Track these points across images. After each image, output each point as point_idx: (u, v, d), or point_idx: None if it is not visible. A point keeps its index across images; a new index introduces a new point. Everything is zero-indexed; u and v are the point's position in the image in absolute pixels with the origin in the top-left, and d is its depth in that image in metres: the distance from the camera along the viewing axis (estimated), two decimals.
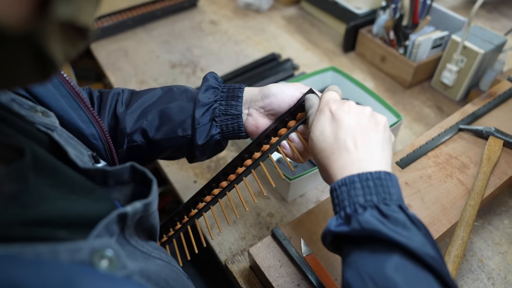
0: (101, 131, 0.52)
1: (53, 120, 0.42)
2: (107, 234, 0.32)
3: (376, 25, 1.09)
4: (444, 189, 0.67)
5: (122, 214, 0.33)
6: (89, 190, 0.37)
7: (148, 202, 0.36)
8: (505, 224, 0.74)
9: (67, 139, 0.44)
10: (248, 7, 1.38)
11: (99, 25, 1.24)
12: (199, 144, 0.56)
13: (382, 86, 1.07)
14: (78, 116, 0.49)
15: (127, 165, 0.40)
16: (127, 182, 0.41)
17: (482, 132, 0.74)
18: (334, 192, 0.42)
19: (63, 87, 0.48)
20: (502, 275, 0.67)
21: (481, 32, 0.97)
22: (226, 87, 0.58)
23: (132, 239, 0.36)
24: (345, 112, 0.46)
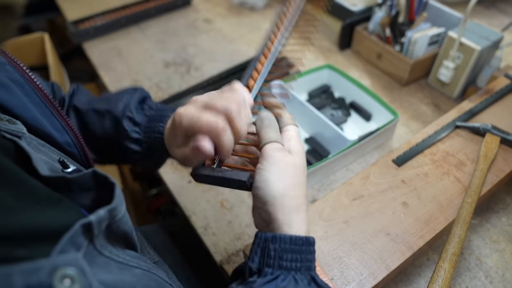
0: (75, 138, 0.51)
1: (20, 127, 0.41)
2: (73, 248, 0.30)
3: (372, 22, 1.10)
4: (441, 187, 0.67)
5: (86, 224, 0.32)
6: (55, 200, 0.36)
7: (113, 207, 0.35)
8: (503, 221, 0.75)
9: (37, 146, 0.43)
10: (243, 5, 1.38)
11: (92, 24, 1.24)
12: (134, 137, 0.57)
13: (379, 83, 1.07)
14: (51, 124, 0.48)
15: (88, 171, 0.39)
16: (91, 188, 0.40)
17: (479, 129, 0.74)
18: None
19: (35, 95, 0.47)
20: (500, 273, 0.67)
21: (478, 28, 0.97)
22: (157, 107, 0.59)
23: (105, 249, 0.35)
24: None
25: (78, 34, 1.21)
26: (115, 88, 1.07)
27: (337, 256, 0.58)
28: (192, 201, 0.79)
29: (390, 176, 0.69)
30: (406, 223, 0.62)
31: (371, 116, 0.94)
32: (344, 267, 0.57)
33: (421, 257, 0.69)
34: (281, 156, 0.43)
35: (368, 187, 0.67)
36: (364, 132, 0.83)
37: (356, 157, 0.85)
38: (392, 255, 0.58)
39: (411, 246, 0.59)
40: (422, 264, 0.68)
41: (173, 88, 1.06)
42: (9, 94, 0.44)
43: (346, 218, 0.63)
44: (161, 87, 1.06)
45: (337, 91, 1.02)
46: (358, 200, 0.65)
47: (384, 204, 0.65)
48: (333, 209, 0.64)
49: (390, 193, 0.66)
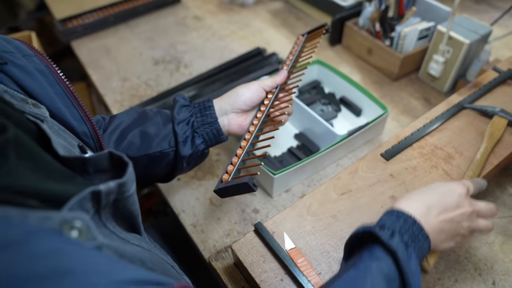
0: (92, 130, 0.54)
1: (44, 111, 0.44)
2: (81, 210, 0.33)
3: (362, 17, 1.10)
4: (429, 180, 0.68)
5: (95, 192, 0.34)
6: (68, 177, 0.38)
7: (122, 182, 0.37)
8: None
9: (57, 131, 0.46)
10: (233, 2, 1.38)
11: (80, 22, 1.24)
12: (186, 155, 0.64)
13: (369, 78, 1.08)
14: (71, 114, 0.51)
15: (105, 152, 0.41)
16: (106, 169, 0.42)
17: (487, 111, 0.77)
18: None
19: (58, 85, 0.50)
20: (488, 265, 0.68)
21: (466, 22, 0.98)
22: (196, 103, 0.68)
23: (109, 223, 0.37)
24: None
25: (66, 32, 1.21)
26: (104, 86, 1.07)
27: (325, 251, 0.59)
28: (182, 199, 0.79)
29: (379, 170, 0.69)
30: None
31: (361, 111, 0.95)
32: (332, 261, 0.57)
33: None
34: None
35: (356, 181, 0.67)
36: (354, 127, 0.83)
37: (346, 152, 0.85)
38: None
39: None
40: None
41: (162, 86, 1.06)
42: (35, 82, 0.47)
43: (334, 213, 0.63)
44: (150, 85, 1.06)
45: (327, 86, 1.02)
46: (346, 195, 0.65)
47: (372, 198, 0.65)
48: (321, 204, 0.64)
49: (379, 187, 0.67)
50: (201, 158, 0.69)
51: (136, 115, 0.67)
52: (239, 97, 0.67)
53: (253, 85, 0.69)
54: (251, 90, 0.68)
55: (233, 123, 0.67)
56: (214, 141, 0.66)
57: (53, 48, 2.06)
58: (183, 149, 0.63)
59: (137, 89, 1.05)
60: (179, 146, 0.63)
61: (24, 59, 0.48)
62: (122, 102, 1.02)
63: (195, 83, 1.03)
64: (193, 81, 1.04)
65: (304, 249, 0.59)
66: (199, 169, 0.85)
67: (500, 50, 1.16)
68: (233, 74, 1.04)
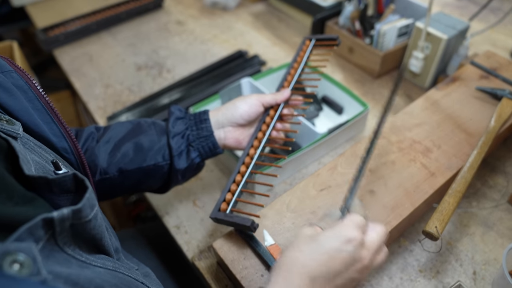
0: (73, 145, 0.54)
1: (17, 128, 0.44)
2: (31, 239, 0.32)
3: (342, 17, 1.12)
4: (407, 174, 0.70)
5: (47, 219, 0.33)
6: (28, 198, 0.38)
7: (78, 208, 0.37)
8: (473, 206, 0.77)
9: (32, 147, 0.46)
10: (215, 6, 1.41)
11: (62, 30, 1.25)
12: (182, 168, 0.65)
13: (351, 77, 1.10)
14: (50, 129, 0.51)
15: (69, 173, 0.41)
16: (71, 190, 0.42)
17: (497, 93, 0.81)
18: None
19: (37, 101, 0.50)
20: (469, 255, 0.69)
21: (444, 18, 1.01)
22: (192, 115, 0.68)
23: (68, 247, 0.37)
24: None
25: (48, 41, 1.22)
26: (87, 94, 1.08)
27: None
28: (165, 202, 0.81)
29: (357, 166, 0.71)
30: (373, 210, 0.64)
31: (343, 109, 0.97)
32: None
33: (393, 245, 0.71)
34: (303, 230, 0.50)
35: (335, 178, 0.69)
36: (336, 125, 0.85)
37: (328, 150, 0.87)
38: None
39: None
40: (394, 251, 0.71)
41: (145, 91, 1.07)
42: (13, 98, 0.48)
43: (314, 209, 0.65)
44: (133, 91, 1.08)
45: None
46: (325, 191, 0.67)
47: None
48: (301, 200, 0.66)
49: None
50: (197, 170, 0.70)
51: (130, 126, 0.67)
52: (236, 111, 0.67)
53: (252, 98, 0.69)
54: (249, 103, 0.68)
55: (229, 136, 0.68)
56: (210, 154, 0.67)
57: (39, 58, 2.07)
58: (178, 162, 0.64)
59: (120, 95, 1.07)
60: (174, 159, 0.64)
61: (2, 75, 0.48)
62: (105, 108, 1.03)
63: (178, 87, 1.05)
64: (176, 85, 1.06)
65: (284, 245, 0.60)
66: None
67: (481, 45, 1.19)
68: (215, 78, 1.06)
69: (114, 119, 0.97)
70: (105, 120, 0.99)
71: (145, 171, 0.64)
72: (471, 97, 0.83)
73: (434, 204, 0.65)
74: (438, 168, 0.70)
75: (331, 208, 0.60)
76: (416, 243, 0.71)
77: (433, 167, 0.71)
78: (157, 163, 0.64)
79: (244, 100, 0.68)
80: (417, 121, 0.79)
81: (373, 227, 0.49)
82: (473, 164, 0.69)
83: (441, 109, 0.81)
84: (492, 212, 0.76)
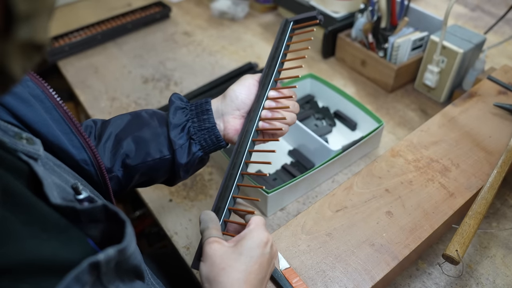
0: (93, 156, 0.53)
1: (37, 148, 0.42)
2: (77, 285, 0.32)
3: (355, 29, 1.13)
4: (425, 194, 0.70)
5: (94, 263, 0.34)
6: (62, 228, 0.37)
7: (123, 247, 0.37)
8: (493, 227, 0.77)
9: (52, 167, 0.45)
10: (223, 16, 1.42)
11: (67, 41, 1.27)
12: (183, 163, 0.62)
13: (364, 91, 1.10)
14: (69, 141, 0.51)
15: (98, 204, 0.40)
16: (101, 220, 0.41)
17: None
18: None
19: (56, 111, 0.50)
20: (491, 279, 0.69)
21: (460, 31, 1.01)
22: (193, 105, 0.64)
23: (112, 284, 0.37)
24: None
25: (53, 52, 1.23)
26: (92, 107, 1.09)
27: (321, 270, 0.60)
28: (174, 221, 0.81)
29: (374, 186, 0.71)
30: (390, 232, 0.64)
31: (357, 125, 0.97)
32: (328, 280, 0.59)
33: (411, 268, 0.71)
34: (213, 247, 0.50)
35: (351, 198, 0.69)
36: (350, 142, 0.85)
37: (342, 167, 0.87)
38: (377, 266, 0.60)
39: (396, 256, 0.61)
40: (411, 274, 0.70)
41: (152, 105, 1.08)
42: (31, 109, 0.47)
43: (329, 230, 0.65)
44: (140, 104, 1.09)
45: (321, 100, 1.05)
46: (341, 212, 0.67)
47: (368, 214, 0.67)
48: (316, 222, 0.66)
49: (374, 202, 0.69)
50: (200, 165, 0.67)
51: (129, 118, 0.64)
52: (236, 96, 0.63)
53: (247, 79, 0.65)
54: (247, 85, 0.64)
55: (229, 127, 0.63)
56: (213, 148, 0.64)
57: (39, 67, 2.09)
58: (179, 157, 0.61)
59: (126, 109, 1.07)
60: (176, 153, 0.61)
61: (18, 84, 0.47)
62: None
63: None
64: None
65: (299, 268, 0.60)
66: (191, 189, 0.87)
67: (496, 58, 1.19)
68: (224, 91, 1.06)
69: None
70: None
71: (149, 165, 0.62)
72: (489, 114, 0.83)
73: (454, 225, 0.65)
74: (457, 188, 0.70)
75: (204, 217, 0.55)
76: (435, 266, 0.71)
77: (452, 187, 0.71)
78: (161, 157, 0.62)
79: (241, 83, 0.65)
80: (434, 139, 0.79)
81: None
82: (493, 184, 0.69)
83: (459, 126, 0.81)
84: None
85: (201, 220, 0.54)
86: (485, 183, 0.69)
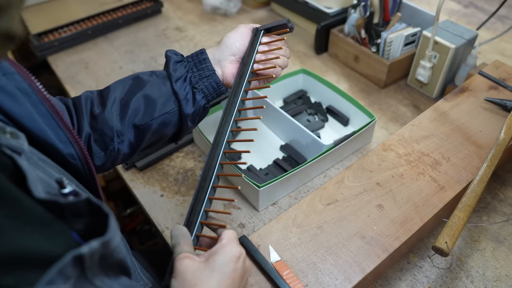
0: (80, 151, 0.53)
1: (21, 142, 0.42)
2: (62, 279, 0.32)
3: (347, 24, 1.15)
4: (416, 187, 0.71)
5: (77, 256, 0.34)
6: (46, 222, 0.37)
7: (106, 240, 0.37)
8: (484, 220, 0.79)
9: (36, 162, 0.45)
10: (215, 12, 1.43)
11: (57, 36, 1.27)
12: (189, 113, 0.66)
13: (357, 86, 1.12)
14: (56, 135, 0.51)
15: (82, 198, 0.41)
16: (84, 214, 0.42)
17: (506, 105, 0.83)
18: None
19: (42, 105, 0.50)
20: (480, 272, 0.71)
21: (452, 27, 1.03)
22: (190, 57, 0.68)
23: (97, 278, 0.37)
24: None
25: (42, 47, 1.24)
26: None
27: (311, 262, 0.61)
28: (165, 216, 0.82)
29: (365, 179, 0.72)
30: (381, 225, 0.66)
31: (349, 120, 0.98)
32: (318, 272, 0.60)
33: (402, 261, 0.73)
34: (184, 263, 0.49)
35: (342, 191, 0.70)
36: (342, 136, 0.87)
37: (334, 162, 0.89)
38: (367, 258, 0.62)
39: (386, 248, 0.63)
40: (402, 267, 0.72)
41: None
42: (16, 103, 0.47)
43: (320, 223, 0.66)
44: None
45: (313, 96, 1.06)
46: (332, 205, 0.69)
47: (358, 207, 0.68)
48: (307, 215, 0.67)
49: (365, 196, 0.70)
50: (204, 113, 0.70)
51: (130, 81, 0.67)
52: (231, 43, 0.69)
53: (240, 28, 0.71)
54: (239, 33, 0.70)
55: (226, 72, 0.68)
56: (215, 95, 0.68)
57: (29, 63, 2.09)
58: (185, 107, 0.65)
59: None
60: (182, 104, 0.65)
61: (4, 78, 0.47)
62: None
63: None
64: None
65: (290, 261, 0.62)
66: (183, 185, 0.88)
67: (489, 54, 1.21)
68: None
69: None
70: None
71: (159, 121, 0.65)
72: (480, 108, 0.85)
73: (444, 219, 0.67)
74: (448, 182, 0.72)
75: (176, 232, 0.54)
76: (426, 259, 0.73)
77: (443, 180, 0.72)
78: (169, 111, 0.65)
79: (235, 31, 0.70)
80: (425, 133, 0.80)
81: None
82: (483, 177, 0.70)
83: (450, 120, 0.83)
84: (503, 226, 0.77)
85: (172, 236, 0.54)
86: (475, 176, 0.70)
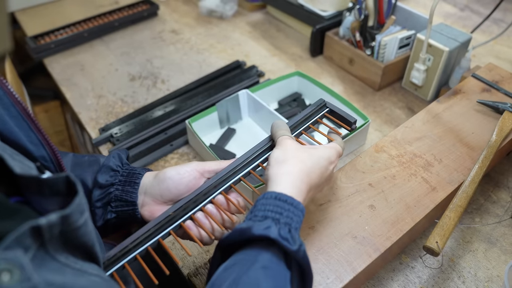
0: (52, 153, 0.54)
1: None
2: (20, 248, 0.33)
3: (342, 27, 1.17)
4: (408, 188, 0.72)
5: (35, 227, 0.34)
6: (13, 211, 0.38)
7: (66, 214, 0.37)
8: (476, 222, 0.80)
9: (11, 155, 0.46)
10: (211, 14, 1.45)
11: (53, 38, 1.28)
12: (97, 225, 0.62)
13: (352, 89, 1.13)
14: (27, 137, 0.51)
15: (62, 175, 0.41)
16: (63, 193, 0.42)
17: (498, 107, 0.85)
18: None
19: (14, 108, 0.51)
20: (472, 272, 0.72)
21: (446, 29, 1.05)
22: (126, 171, 0.64)
23: (60, 255, 0.37)
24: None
25: (38, 49, 1.25)
26: (78, 104, 1.11)
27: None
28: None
29: (357, 180, 0.74)
30: (373, 225, 0.67)
31: None
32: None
33: (394, 262, 0.74)
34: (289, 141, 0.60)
35: (334, 192, 0.72)
36: None
37: None
38: (359, 257, 0.63)
39: (378, 247, 0.64)
40: (394, 268, 0.73)
41: (139, 102, 1.10)
42: None
43: (312, 223, 0.67)
44: (126, 101, 1.11)
45: (308, 98, 1.07)
46: (324, 205, 0.70)
47: (351, 208, 0.69)
48: None
49: (357, 196, 0.71)
50: (122, 227, 0.67)
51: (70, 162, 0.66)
52: (163, 182, 0.61)
53: (189, 167, 0.62)
54: (181, 173, 0.61)
55: (145, 208, 0.62)
56: (128, 221, 0.64)
57: (25, 65, 2.10)
58: (95, 219, 0.63)
59: (113, 106, 1.09)
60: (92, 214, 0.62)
61: None
62: (98, 120, 1.06)
63: (172, 98, 1.08)
64: (171, 96, 1.09)
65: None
66: None
67: (484, 57, 1.23)
68: (212, 89, 1.09)
69: (107, 130, 0.99)
70: (98, 132, 1.02)
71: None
72: (472, 111, 0.87)
73: (436, 220, 0.68)
74: (440, 183, 0.73)
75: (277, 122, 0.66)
76: (418, 260, 0.74)
77: (434, 181, 0.74)
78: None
79: (177, 169, 0.62)
80: (418, 135, 0.82)
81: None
82: (475, 178, 0.72)
83: (443, 122, 0.84)
84: (495, 228, 0.79)
85: (273, 125, 0.65)
86: (467, 177, 0.72)
